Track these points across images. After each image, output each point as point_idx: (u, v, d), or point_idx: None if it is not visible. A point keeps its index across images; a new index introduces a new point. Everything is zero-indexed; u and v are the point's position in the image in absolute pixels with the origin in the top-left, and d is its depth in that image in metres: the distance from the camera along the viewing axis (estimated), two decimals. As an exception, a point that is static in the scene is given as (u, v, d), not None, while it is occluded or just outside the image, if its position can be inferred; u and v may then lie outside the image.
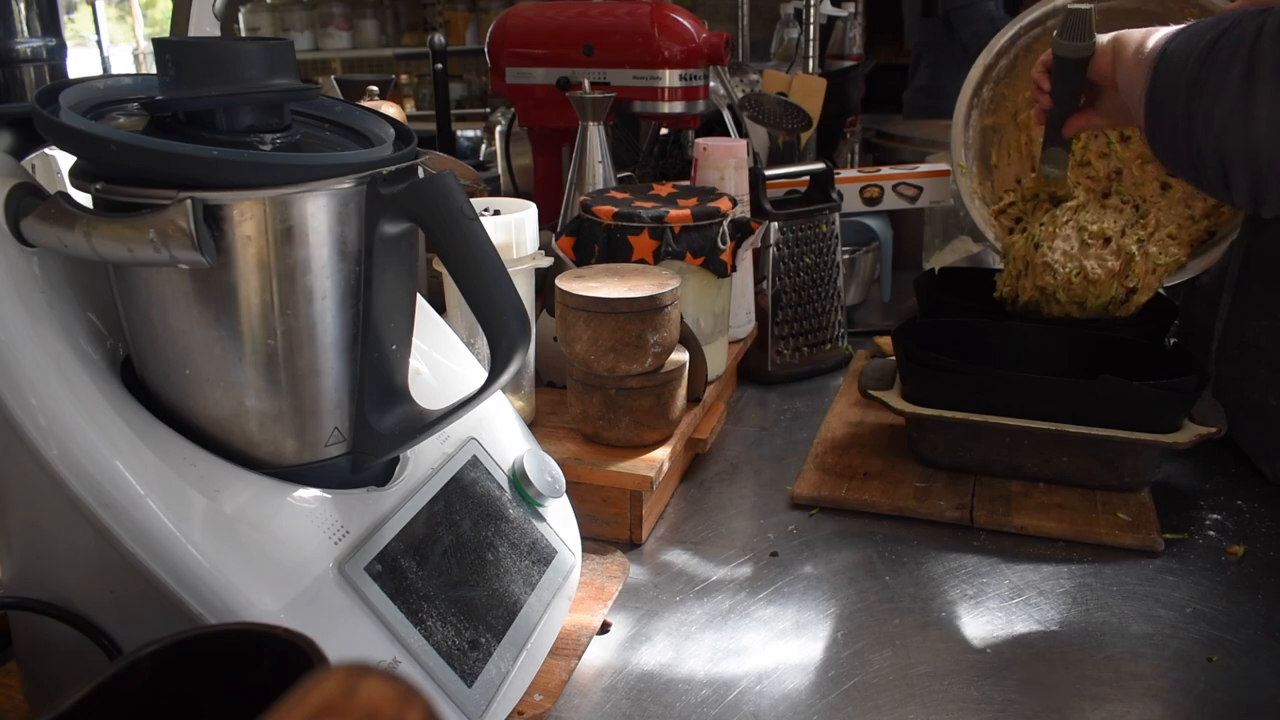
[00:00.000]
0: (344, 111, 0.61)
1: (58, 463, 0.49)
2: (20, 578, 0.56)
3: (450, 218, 0.53)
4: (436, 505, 0.63)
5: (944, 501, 0.90)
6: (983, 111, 1.22)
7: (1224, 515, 0.90)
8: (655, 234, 0.95)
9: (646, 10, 1.28)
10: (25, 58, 0.91)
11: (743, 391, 1.20)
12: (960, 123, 1.23)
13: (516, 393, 0.92)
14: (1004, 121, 1.22)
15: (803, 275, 1.22)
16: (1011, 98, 1.20)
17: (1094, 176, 1.18)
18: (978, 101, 1.21)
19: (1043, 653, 0.71)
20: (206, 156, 0.47)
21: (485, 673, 0.59)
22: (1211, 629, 0.74)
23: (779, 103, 1.46)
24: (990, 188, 1.23)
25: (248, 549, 0.51)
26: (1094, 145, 1.17)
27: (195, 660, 0.44)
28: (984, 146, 1.23)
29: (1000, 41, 1.18)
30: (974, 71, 1.21)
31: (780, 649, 0.72)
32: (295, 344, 0.53)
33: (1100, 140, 1.16)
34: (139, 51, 4.57)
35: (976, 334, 1.03)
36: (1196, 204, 1.10)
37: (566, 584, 0.71)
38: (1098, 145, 1.17)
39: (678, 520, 0.91)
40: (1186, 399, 0.88)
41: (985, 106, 1.22)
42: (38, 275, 0.52)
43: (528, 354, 0.91)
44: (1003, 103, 1.21)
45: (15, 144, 0.54)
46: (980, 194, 1.23)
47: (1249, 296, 0.98)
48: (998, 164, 1.23)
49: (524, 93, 1.36)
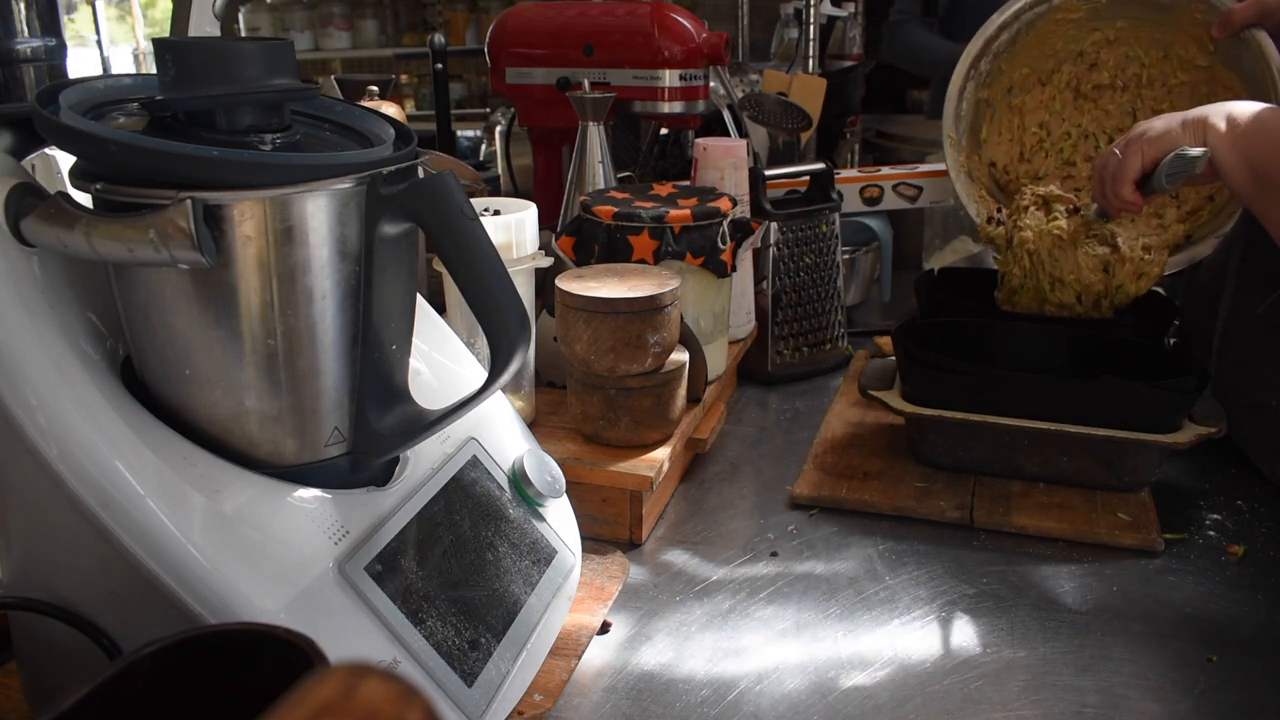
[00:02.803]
0: (344, 111, 0.61)
1: (58, 463, 0.49)
2: (20, 578, 0.56)
3: (450, 218, 0.53)
4: (436, 505, 0.63)
5: (944, 501, 0.90)
6: (978, 84, 1.22)
7: (1224, 515, 0.90)
8: (655, 234, 0.95)
9: (646, 10, 1.28)
10: (25, 58, 0.91)
11: (743, 391, 1.20)
12: (954, 94, 1.23)
13: (516, 393, 0.92)
14: (997, 95, 1.21)
15: (803, 275, 1.22)
16: (1008, 72, 1.20)
17: (1075, 177, 1.18)
18: (974, 73, 1.21)
19: (1042, 653, 0.71)
20: (206, 156, 0.47)
21: (485, 673, 0.59)
22: (1211, 629, 0.74)
23: (779, 103, 1.46)
24: (978, 161, 1.23)
25: (248, 549, 0.51)
26: (1082, 148, 1.17)
27: (195, 660, 0.44)
28: (975, 120, 1.23)
29: (1003, 15, 1.18)
30: (973, 43, 1.20)
31: (780, 649, 0.72)
32: (295, 344, 0.53)
33: (1089, 143, 1.17)
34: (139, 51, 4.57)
35: (976, 334, 1.03)
36: (1168, 212, 1.10)
37: (566, 584, 0.71)
38: (1085, 148, 1.17)
39: (678, 520, 0.91)
40: (1186, 399, 0.88)
41: (981, 79, 1.21)
42: (38, 275, 0.52)
43: (528, 354, 0.91)
44: (999, 77, 1.20)
45: (15, 144, 0.55)
46: (967, 168, 1.23)
47: (1248, 297, 0.98)
48: (986, 139, 1.23)
49: (524, 93, 1.36)
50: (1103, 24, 1.15)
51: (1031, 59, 1.19)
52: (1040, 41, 1.18)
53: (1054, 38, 1.17)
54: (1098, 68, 1.16)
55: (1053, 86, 1.18)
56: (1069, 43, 1.17)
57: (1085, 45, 1.16)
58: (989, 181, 1.22)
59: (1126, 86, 1.15)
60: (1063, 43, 1.17)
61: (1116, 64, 1.15)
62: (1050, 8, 1.16)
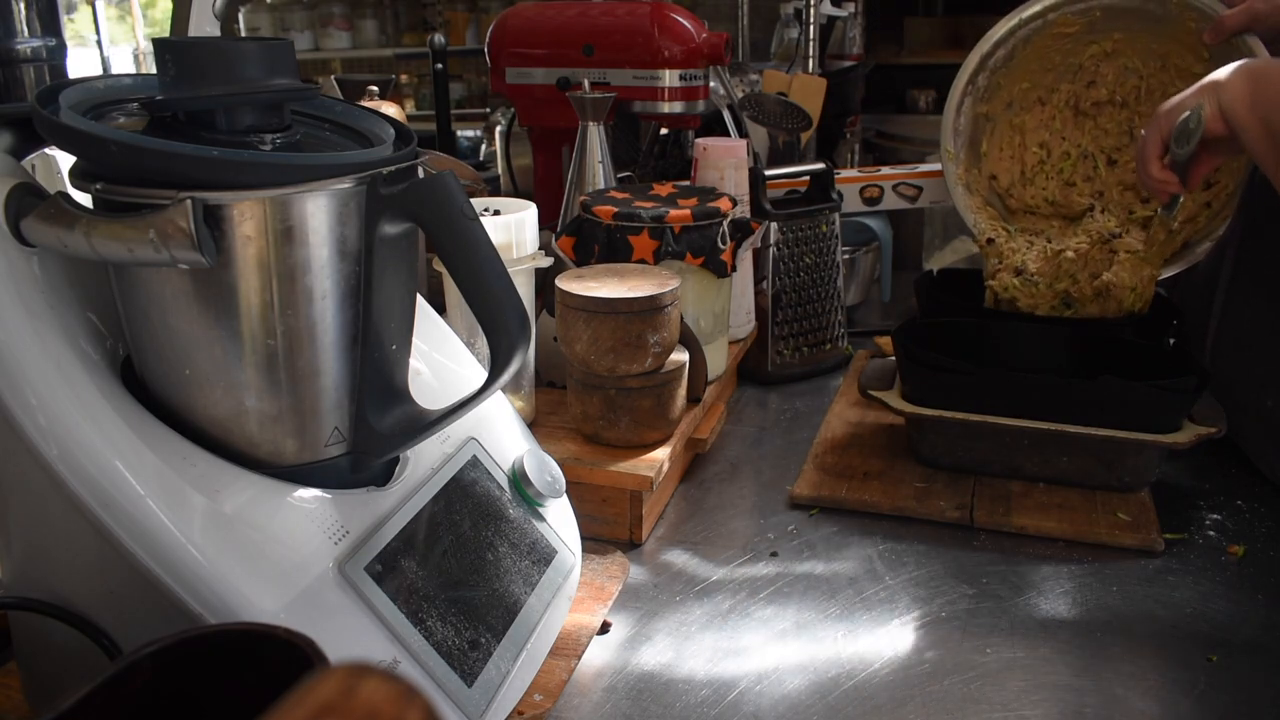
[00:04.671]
0: (344, 111, 0.61)
1: (58, 463, 0.49)
2: (20, 578, 0.56)
3: (450, 218, 0.53)
4: (436, 505, 0.63)
5: (944, 501, 0.90)
6: (976, 99, 1.22)
7: (1224, 515, 0.90)
8: (655, 234, 0.95)
9: (646, 10, 1.28)
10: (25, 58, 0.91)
11: (743, 391, 1.20)
12: (952, 109, 1.23)
13: (516, 393, 0.92)
14: (997, 110, 1.21)
15: (803, 275, 1.22)
16: (1007, 87, 1.20)
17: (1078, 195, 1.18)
18: (972, 89, 1.21)
19: (1042, 653, 0.71)
20: (206, 156, 0.47)
21: (485, 673, 0.59)
22: (1211, 629, 0.74)
23: (779, 103, 1.46)
24: (977, 175, 1.23)
25: (248, 549, 0.51)
26: (1081, 168, 1.17)
27: (195, 660, 0.44)
28: (974, 134, 1.23)
29: (1000, 32, 1.18)
30: (970, 59, 1.20)
31: (780, 649, 0.72)
32: (295, 344, 0.53)
33: (1088, 163, 1.17)
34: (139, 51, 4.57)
35: (976, 334, 1.03)
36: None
37: (566, 584, 0.71)
38: (1084, 168, 1.17)
39: (678, 520, 0.91)
40: (1186, 399, 0.88)
41: (979, 94, 1.21)
42: (38, 275, 0.52)
43: (528, 354, 0.91)
44: (997, 92, 1.21)
45: (15, 144, 0.55)
46: (965, 180, 1.23)
47: (1243, 297, 0.98)
48: (986, 153, 1.23)
49: (524, 93, 1.36)
50: (1099, 37, 1.15)
51: (1030, 73, 1.19)
52: (1038, 56, 1.18)
53: (1051, 52, 1.17)
54: (1096, 84, 1.16)
55: (1052, 105, 1.19)
56: (1066, 56, 1.17)
57: (1084, 59, 1.16)
58: (988, 193, 1.23)
59: (1125, 102, 1.15)
60: (1060, 56, 1.17)
61: (1115, 77, 1.15)
62: (1046, 23, 1.16)
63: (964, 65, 1.21)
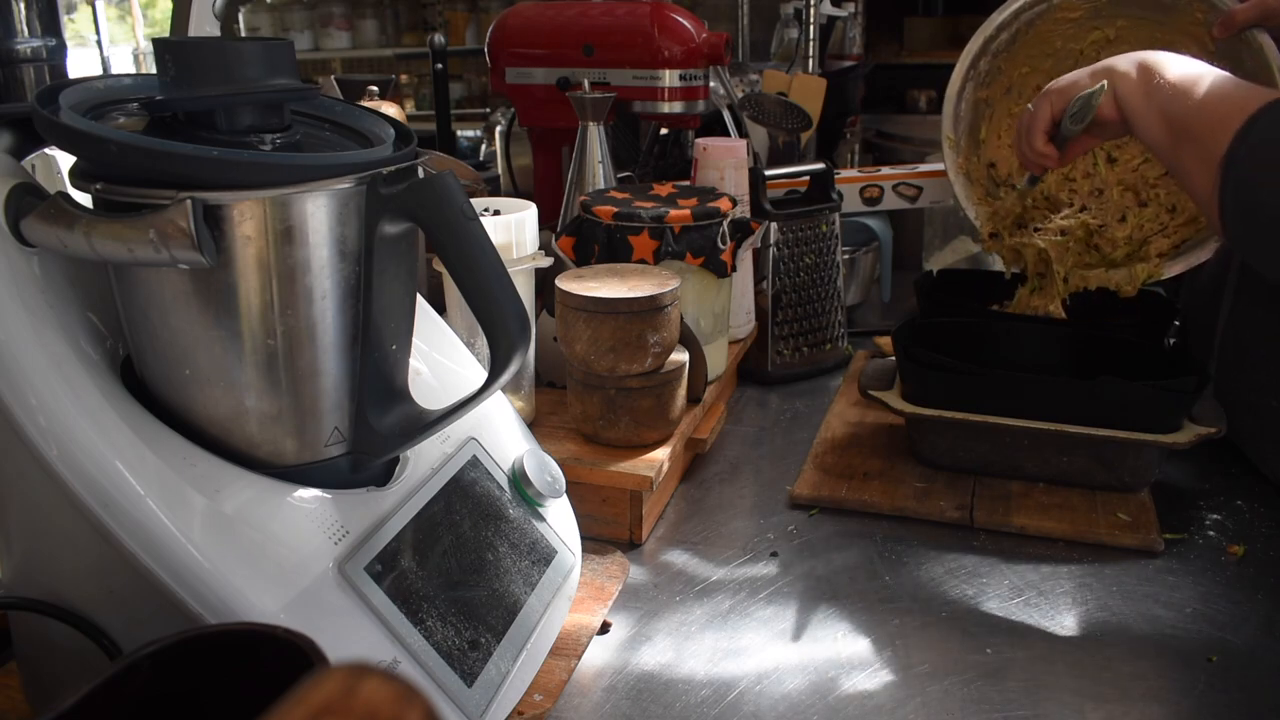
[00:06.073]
0: (344, 111, 0.61)
1: (58, 463, 0.49)
2: (20, 578, 0.56)
3: (450, 218, 0.53)
4: (436, 505, 0.63)
5: (944, 501, 0.90)
6: (977, 84, 1.22)
7: (1224, 515, 0.90)
8: (655, 234, 0.95)
9: (646, 10, 1.28)
10: (25, 58, 0.91)
11: (743, 391, 1.20)
12: (953, 95, 1.22)
13: (516, 393, 0.92)
14: (996, 95, 1.21)
15: (803, 275, 1.22)
16: (1007, 72, 1.20)
17: (1076, 191, 1.18)
18: (973, 74, 1.21)
19: (1042, 653, 0.71)
20: (206, 156, 0.47)
21: (485, 673, 0.59)
22: (1211, 629, 0.74)
23: (779, 103, 1.46)
24: (976, 162, 1.23)
25: (248, 549, 0.51)
26: (1081, 164, 1.17)
27: (195, 660, 0.44)
28: (975, 120, 1.23)
29: (1002, 15, 1.18)
30: (972, 43, 1.20)
31: (780, 649, 0.72)
32: (295, 344, 0.53)
33: (1087, 160, 1.16)
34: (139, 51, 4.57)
35: (976, 334, 1.03)
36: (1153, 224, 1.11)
37: (566, 584, 0.71)
38: (1084, 165, 1.17)
39: (678, 520, 0.91)
40: (1186, 399, 0.88)
41: (981, 79, 1.21)
42: (38, 275, 0.52)
43: (528, 354, 0.91)
44: (998, 76, 1.20)
45: (15, 144, 0.54)
46: (965, 169, 1.22)
47: (1248, 297, 0.98)
48: (985, 139, 1.22)
49: (524, 93, 1.36)
50: (1103, 23, 1.15)
51: (1031, 58, 1.18)
52: (1040, 41, 1.18)
53: (1053, 37, 1.17)
54: None
55: None
56: (1068, 41, 1.17)
57: (1085, 45, 1.16)
58: (988, 182, 1.22)
59: None
60: (1062, 42, 1.17)
61: None
62: (1050, 6, 1.15)
63: (966, 49, 1.21)
